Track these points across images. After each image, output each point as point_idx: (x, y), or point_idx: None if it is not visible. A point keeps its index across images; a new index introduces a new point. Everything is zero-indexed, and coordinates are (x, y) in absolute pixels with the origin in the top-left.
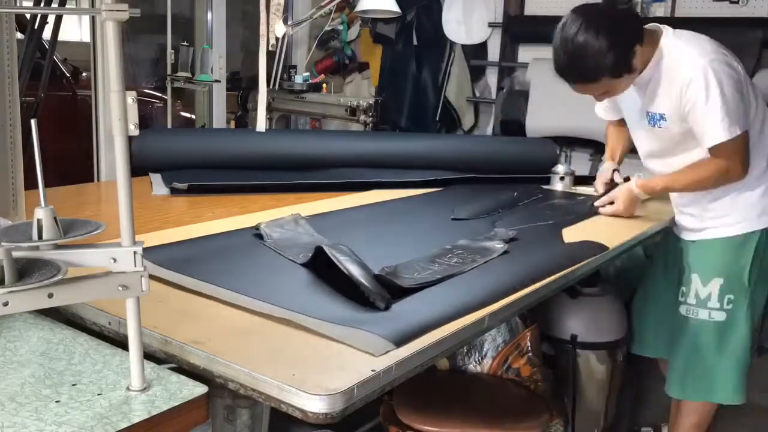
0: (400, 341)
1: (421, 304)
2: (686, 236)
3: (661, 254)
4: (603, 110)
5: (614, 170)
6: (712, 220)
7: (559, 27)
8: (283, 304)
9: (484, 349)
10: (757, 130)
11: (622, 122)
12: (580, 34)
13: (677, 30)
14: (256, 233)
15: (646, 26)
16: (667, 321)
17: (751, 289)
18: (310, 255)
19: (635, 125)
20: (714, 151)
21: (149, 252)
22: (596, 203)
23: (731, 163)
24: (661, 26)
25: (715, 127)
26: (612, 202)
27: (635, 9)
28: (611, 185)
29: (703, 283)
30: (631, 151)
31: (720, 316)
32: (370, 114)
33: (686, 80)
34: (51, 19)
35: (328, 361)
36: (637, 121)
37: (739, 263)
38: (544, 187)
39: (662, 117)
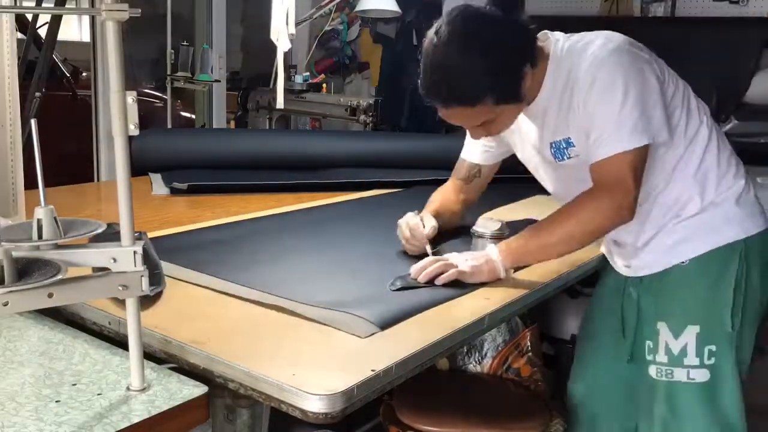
0: (385, 324)
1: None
2: (635, 271)
3: (601, 295)
4: (481, 152)
5: (432, 226)
6: (676, 246)
7: (431, 33)
8: (270, 291)
9: (484, 349)
10: (701, 147)
11: (464, 179)
12: (451, 46)
13: (570, 35)
14: None
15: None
16: (623, 379)
17: (734, 333)
18: None
19: (537, 164)
20: (594, 170)
21: None
22: (414, 274)
23: (616, 188)
24: (551, 36)
25: (603, 138)
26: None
27: (526, 20)
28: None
29: (674, 335)
30: None
31: (702, 376)
32: (370, 114)
33: (584, 82)
34: (49, 18)
35: (328, 361)
36: (537, 159)
37: (718, 299)
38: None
39: (569, 143)
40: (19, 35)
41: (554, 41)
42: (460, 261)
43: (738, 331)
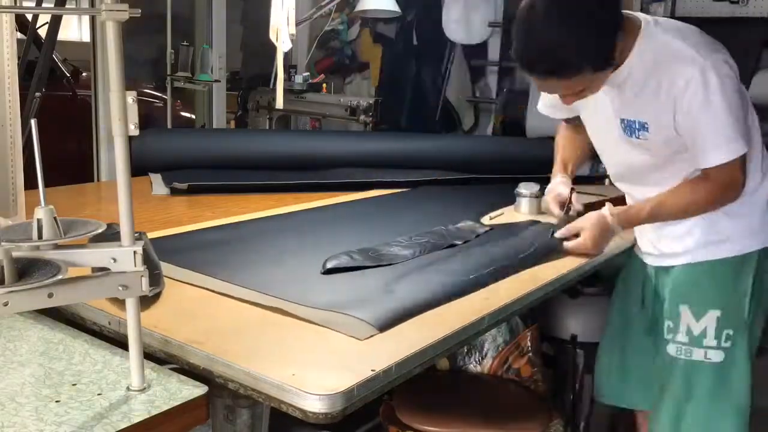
0: (383, 326)
1: (406, 289)
2: (663, 262)
3: (630, 284)
4: (549, 107)
5: (572, 189)
6: (701, 240)
7: (525, 7)
8: (270, 292)
9: (485, 349)
10: (759, 148)
11: (577, 124)
12: (552, 17)
13: (659, 19)
14: None
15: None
16: (644, 365)
17: (750, 321)
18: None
19: (603, 135)
20: (711, 170)
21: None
22: (557, 234)
23: (730, 186)
24: (639, 14)
25: (716, 144)
26: (577, 235)
27: None
28: (569, 207)
29: (696, 317)
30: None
31: (717, 356)
32: (370, 114)
33: (682, 82)
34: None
35: (328, 361)
36: (605, 130)
37: (739, 290)
38: (490, 221)
39: (643, 126)
40: (19, 35)
41: (643, 18)
42: (587, 224)
43: (751, 320)
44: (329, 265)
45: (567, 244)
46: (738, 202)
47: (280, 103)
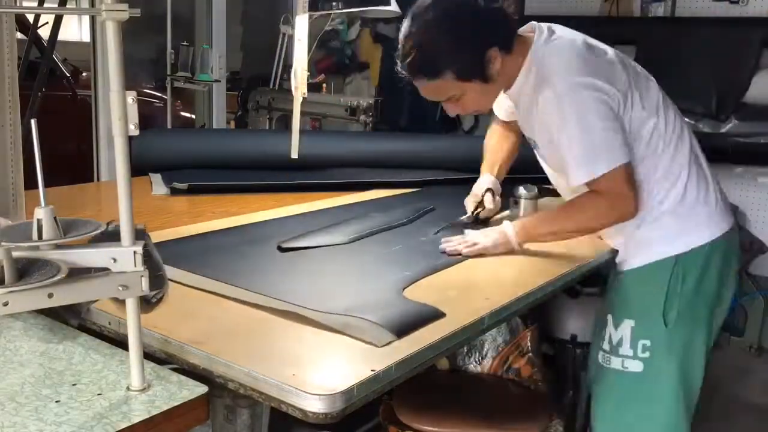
0: (401, 332)
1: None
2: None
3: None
4: (498, 107)
5: (488, 189)
6: (626, 249)
7: (419, 6)
8: (282, 297)
9: (485, 349)
10: (669, 155)
11: (514, 124)
12: (429, 21)
13: (555, 29)
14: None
15: (522, 30)
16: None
17: (670, 331)
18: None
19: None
20: (590, 185)
21: None
22: (444, 246)
23: (617, 198)
24: (538, 26)
25: (577, 164)
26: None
27: (508, 10)
28: (480, 207)
29: (614, 326)
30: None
31: (635, 366)
32: (370, 114)
33: (542, 104)
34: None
35: (328, 361)
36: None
37: (651, 301)
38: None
39: (535, 144)
40: (19, 35)
41: (538, 34)
42: (481, 237)
43: (675, 330)
44: (285, 246)
45: (451, 250)
46: (648, 211)
47: (294, 152)
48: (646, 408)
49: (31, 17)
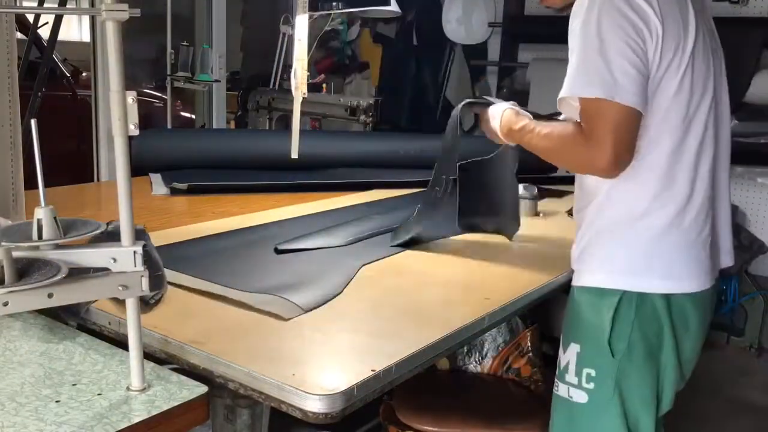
0: (309, 307)
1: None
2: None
3: None
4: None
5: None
6: (579, 262)
7: None
8: (247, 289)
9: (485, 349)
10: (674, 142)
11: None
12: None
13: None
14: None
15: None
16: None
17: (618, 362)
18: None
19: None
20: (580, 107)
21: None
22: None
23: (593, 136)
24: None
25: (570, 75)
26: None
27: None
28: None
29: (563, 348)
30: None
31: (580, 397)
32: (370, 114)
33: (572, 14)
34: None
35: (328, 361)
36: None
37: (598, 325)
38: None
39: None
40: (19, 35)
41: None
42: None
43: (624, 362)
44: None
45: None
46: (613, 224)
47: (294, 152)
48: None
49: (31, 17)
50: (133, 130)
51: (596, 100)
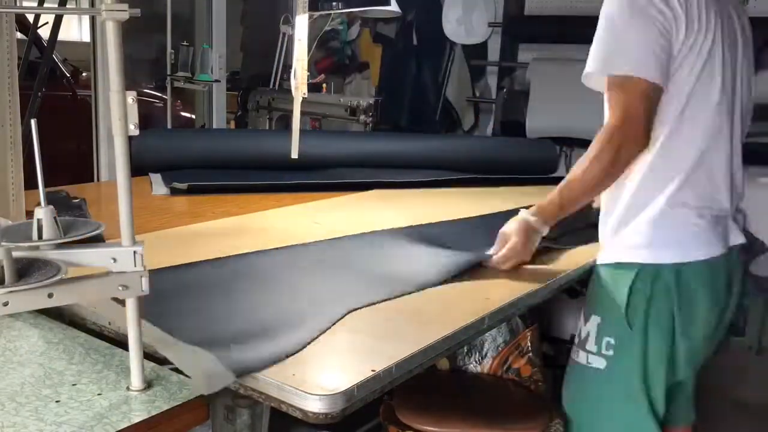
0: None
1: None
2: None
3: None
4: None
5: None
6: (604, 241)
7: None
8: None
9: (485, 349)
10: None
11: None
12: None
13: None
14: None
15: None
16: None
17: (636, 334)
18: None
19: None
20: (608, 109)
21: None
22: (492, 253)
23: (626, 119)
24: None
25: (598, 53)
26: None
27: None
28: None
29: (585, 320)
30: None
31: (598, 363)
32: (370, 114)
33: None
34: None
35: (328, 361)
36: None
37: (616, 299)
38: None
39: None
40: (19, 35)
41: None
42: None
43: (644, 335)
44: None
45: (496, 258)
46: (631, 204)
47: (294, 152)
48: (606, 405)
49: (31, 17)
50: (133, 130)
51: (625, 77)
